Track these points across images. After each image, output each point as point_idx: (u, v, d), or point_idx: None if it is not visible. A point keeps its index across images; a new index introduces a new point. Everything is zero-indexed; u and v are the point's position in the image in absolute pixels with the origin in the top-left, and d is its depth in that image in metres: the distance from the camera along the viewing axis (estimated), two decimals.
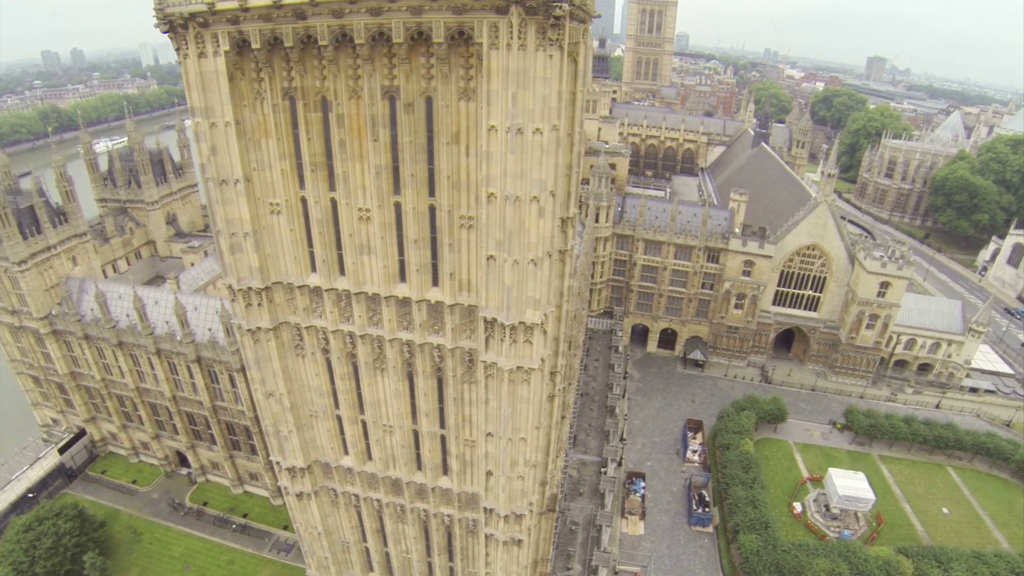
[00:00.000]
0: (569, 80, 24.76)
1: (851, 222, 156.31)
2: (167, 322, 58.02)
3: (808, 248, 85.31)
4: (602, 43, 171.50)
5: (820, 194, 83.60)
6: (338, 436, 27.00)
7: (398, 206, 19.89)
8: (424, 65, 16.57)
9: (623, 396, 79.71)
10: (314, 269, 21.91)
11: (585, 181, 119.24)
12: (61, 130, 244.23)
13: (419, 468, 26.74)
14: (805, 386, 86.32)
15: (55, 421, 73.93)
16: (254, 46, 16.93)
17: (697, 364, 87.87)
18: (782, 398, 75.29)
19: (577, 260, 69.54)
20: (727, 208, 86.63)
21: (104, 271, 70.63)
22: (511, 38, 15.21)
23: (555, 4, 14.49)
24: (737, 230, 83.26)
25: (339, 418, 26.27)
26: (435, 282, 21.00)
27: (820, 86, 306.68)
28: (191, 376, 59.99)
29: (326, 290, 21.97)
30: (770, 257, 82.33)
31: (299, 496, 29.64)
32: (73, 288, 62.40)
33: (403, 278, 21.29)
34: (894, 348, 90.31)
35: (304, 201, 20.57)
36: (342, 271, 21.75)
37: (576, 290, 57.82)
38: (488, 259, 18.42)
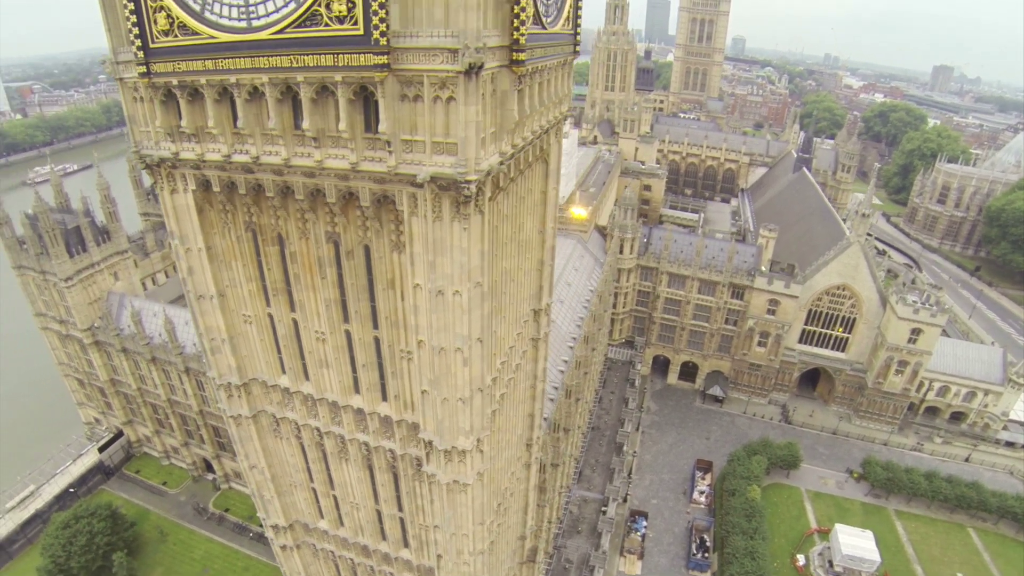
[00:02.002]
0: (540, 180, 25.85)
1: (897, 250, 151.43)
2: (194, 343, 61.45)
3: (838, 288, 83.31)
4: (647, 55, 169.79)
5: (853, 234, 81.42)
6: (314, 504, 29.07)
7: (348, 333, 21.60)
8: (360, 218, 17.93)
9: (636, 429, 79.93)
10: (284, 372, 23.85)
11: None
12: (121, 123, 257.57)
13: (384, 539, 28.55)
14: (826, 429, 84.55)
15: (97, 420, 79.11)
16: (215, 189, 18.74)
17: (716, 400, 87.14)
18: (797, 444, 74.11)
19: (592, 294, 70.13)
20: (756, 244, 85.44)
21: (144, 284, 74.88)
22: (427, 210, 16.48)
23: (464, 185, 15.56)
24: (764, 267, 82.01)
25: (314, 490, 28.33)
26: (384, 398, 22.70)
27: (879, 97, 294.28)
28: None
29: (293, 392, 23.93)
30: (796, 297, 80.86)
31: (283, 548, 31.90)
32: (113, 303, 66.64)
33: (357, 391, 23.05)
34: (925, 394, 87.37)
35: (271, 316, 22.46)
36: (307, 377, 23.62)
37: (581, 336, 58.49)
38: (423, 392, 19.88)
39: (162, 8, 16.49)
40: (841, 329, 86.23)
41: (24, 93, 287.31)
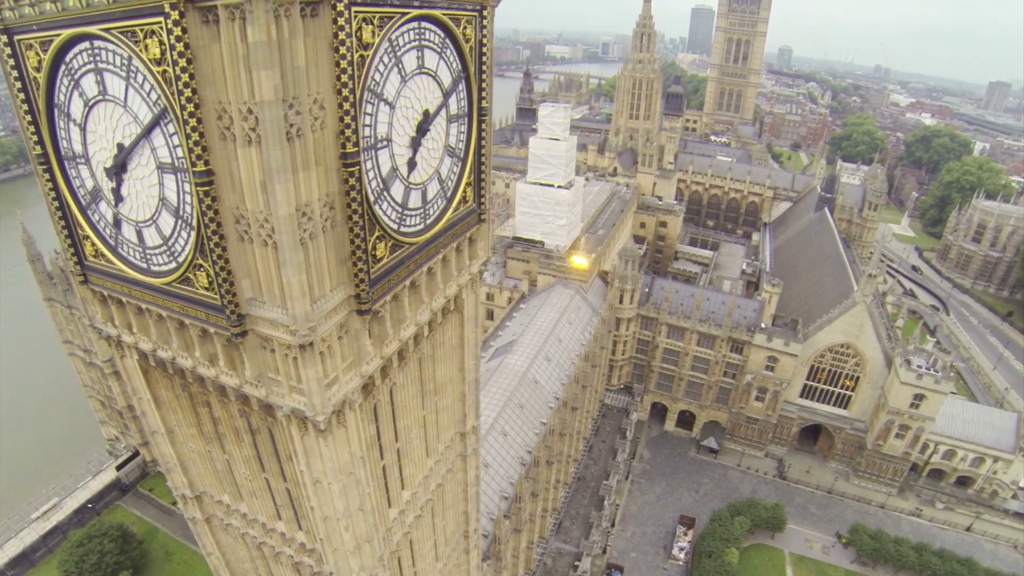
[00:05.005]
0: (456, 328, 27.85)
1: (925, 289, 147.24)
2: None
3: (841, 346, 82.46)
4: (677, 80, 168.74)
5: (859, 293, 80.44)
6: None
7: (267, 479, 24.34)
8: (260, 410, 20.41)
9: (626, 478, 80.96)
10: (226, 491, 26.82)
11: (639, 239, 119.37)
12: None
13: None
14: (822, 487, 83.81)
15: (117, 438, 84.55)
16: (152, 362, 21.54)
17: (711, 451, 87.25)
18: (784, 505, 73.97)
19: (582, 347, 71.31)
20: (759, 298, 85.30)
21: None
22: (295, 427, 18.95)
23: (318, 419, 17.76)
24: (765, 323, 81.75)
25: None
26: (300, 528, 25.50)
27: (926, 117, 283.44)
28: None
29: (233, 509, 26.92)
30: (795, 356, 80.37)
31: None
32: None
33: (280, 518, 25.97)
34: (930, 456, 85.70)
35: (210, 452, 25.34)
36: (242, 499, 26.55)
37: (560, 402, 59.91)
38: (320, 539, 22.45)
39: (88, 237, 19.12)
40: (850, 382, 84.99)
41: None
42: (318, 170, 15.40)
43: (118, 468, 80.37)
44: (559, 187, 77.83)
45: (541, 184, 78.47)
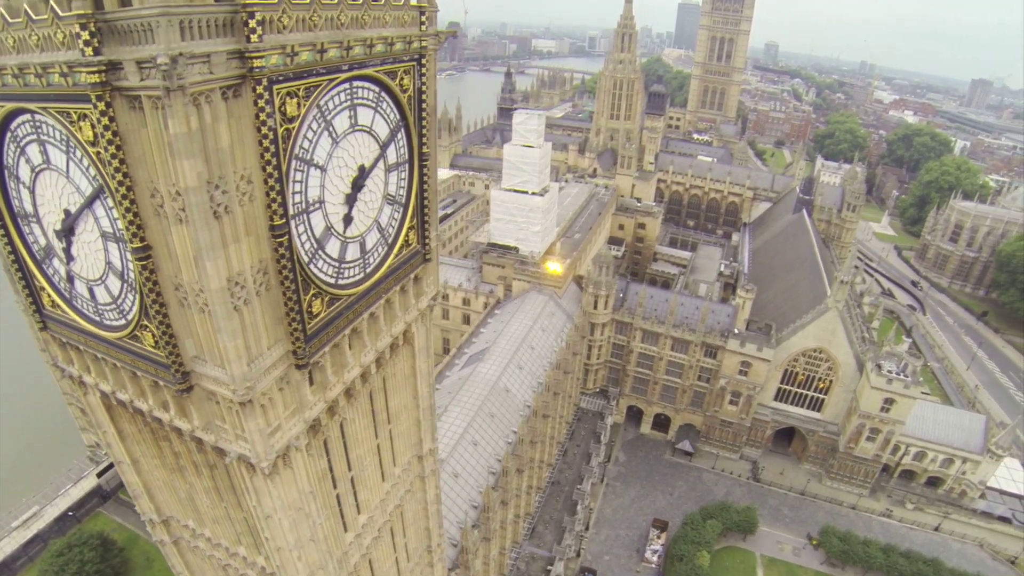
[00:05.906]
0: (408, 360, 28.77)
1: (903, 288, 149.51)
2: None
3: (814, 351, 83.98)
4: (660, 79, 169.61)
5: (832, 299, 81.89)
6: None
7: (226, 508, 25.32)
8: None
9: (601, 481, 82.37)
10: (190, 516, 27.82)
11: (618, 241, 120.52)
12: None
13: None
14: (795, 489, 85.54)
15: (98, 444, 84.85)
16: (113, 401, 22.44)
17: (686, 454, 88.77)
18: (756, 509, 75.54)
19: (555, 354, 72.43)
20: (732, 303, 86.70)
21: None
22: (244, 469, 19.93)
23: (263, 465, 18.69)
24: (738, 328, 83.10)
25: None
26: (260, 553, 26.41)
27: (909, 115, 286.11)
28: None
29: (199, 533, 27.94)
30: (768, 361, 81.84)
31: None
32: None
33: (241, 543, 26.93)
34: (901, 458, 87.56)
35: (173, 481, 26.30)
36: (205, 524, 27.59)
37: (531, 411, 60.97)
38: (276, 567, 23.49)
39: (44, 289, 19.93)
40: (823, 385, 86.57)
41: None
42: (249, 240, 16.22)
43: (99, 475, 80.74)
44: (533, 194, 78.68)
45: (515, 191, 79.30)
